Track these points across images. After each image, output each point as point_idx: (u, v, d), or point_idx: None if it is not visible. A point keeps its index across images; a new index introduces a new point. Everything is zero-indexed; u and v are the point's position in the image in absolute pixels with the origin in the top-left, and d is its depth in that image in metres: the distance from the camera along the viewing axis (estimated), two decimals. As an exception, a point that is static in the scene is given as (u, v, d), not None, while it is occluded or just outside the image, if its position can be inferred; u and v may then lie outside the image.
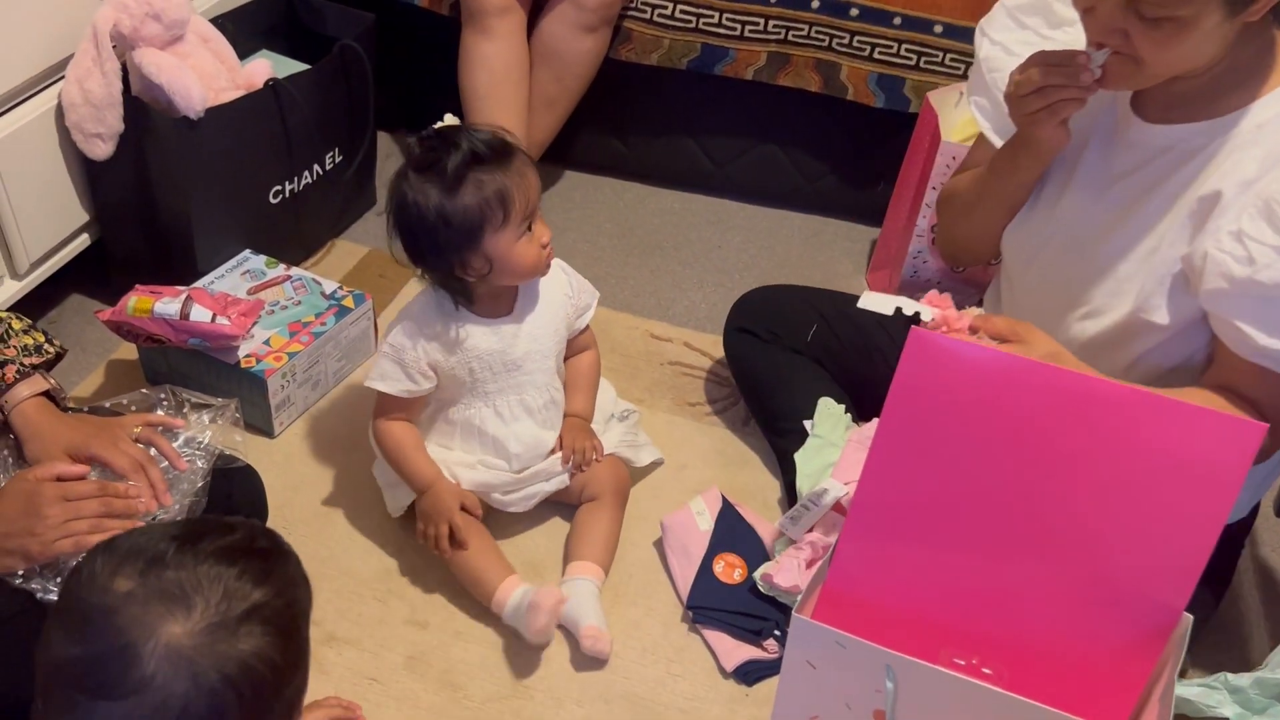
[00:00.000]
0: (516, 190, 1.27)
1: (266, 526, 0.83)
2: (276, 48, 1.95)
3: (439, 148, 1.26)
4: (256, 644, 0.71)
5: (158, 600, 0.70)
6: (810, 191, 2.14)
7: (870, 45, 1.90)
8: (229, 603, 0.71)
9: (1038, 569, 1.00)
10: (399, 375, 1.37)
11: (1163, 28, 1.03)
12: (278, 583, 0.75)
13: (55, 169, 1.63)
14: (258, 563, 0.75)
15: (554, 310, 1.43)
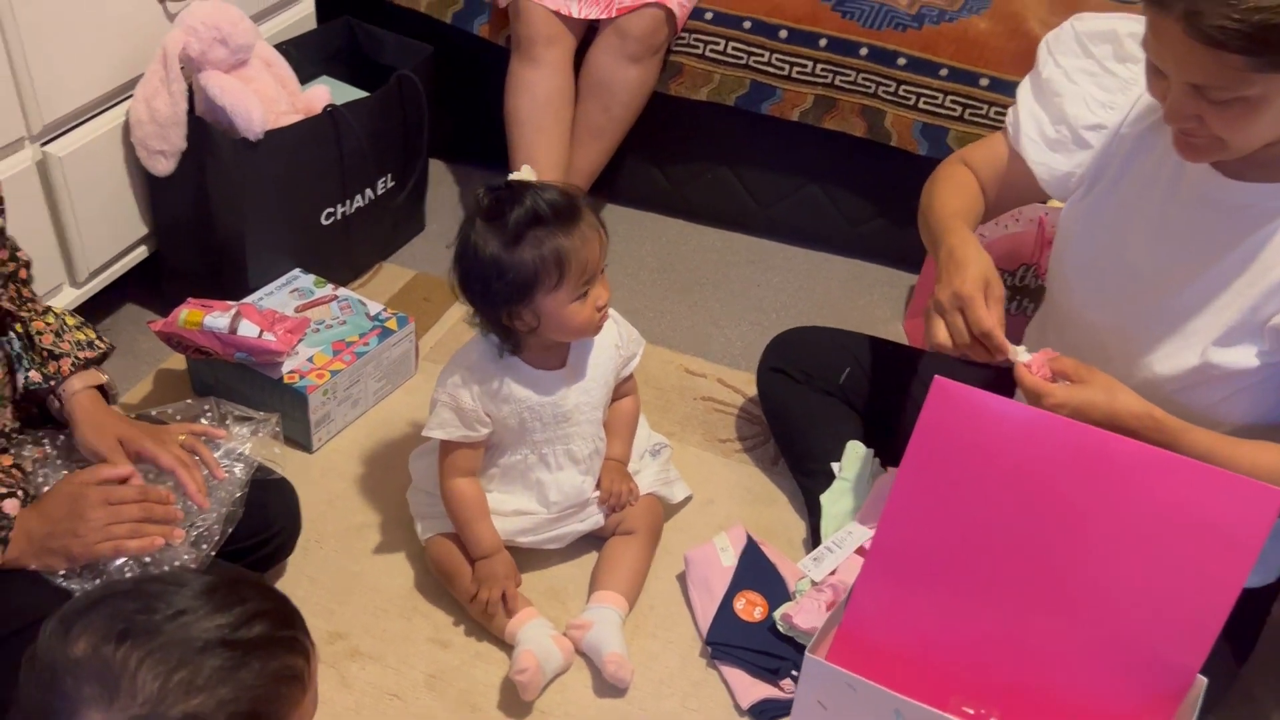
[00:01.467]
0: (574, 254, 1.27)
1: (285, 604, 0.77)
2: (338, 74, 2.02)
3: (506, 200, 1.27)
4: None
5: (94, 679, 0.67)
6: (852, 235, 2.15)
7: (916, 94, 1.92)
8: (161, 704, 0.67)
9: (1052, 623, 1.00)
10: (456, 423, 1.37)
11: (1234, 108, 1.03)
12: (240, 684, 0.70)
13: (119, 182, 1.70)
14: (227, 656, 0.70)
15: (604, 363, 1.43)
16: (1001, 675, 1.01)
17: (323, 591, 1.46)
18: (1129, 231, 1.25)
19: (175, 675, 0.68)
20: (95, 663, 0.67)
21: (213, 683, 0.69)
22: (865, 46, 1.92)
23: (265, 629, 0.73)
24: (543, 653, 1.33)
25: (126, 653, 0.67)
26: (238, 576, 0.78)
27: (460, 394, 1.36)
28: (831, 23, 1.93)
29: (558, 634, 1.37)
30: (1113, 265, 1.26)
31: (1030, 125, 1.37)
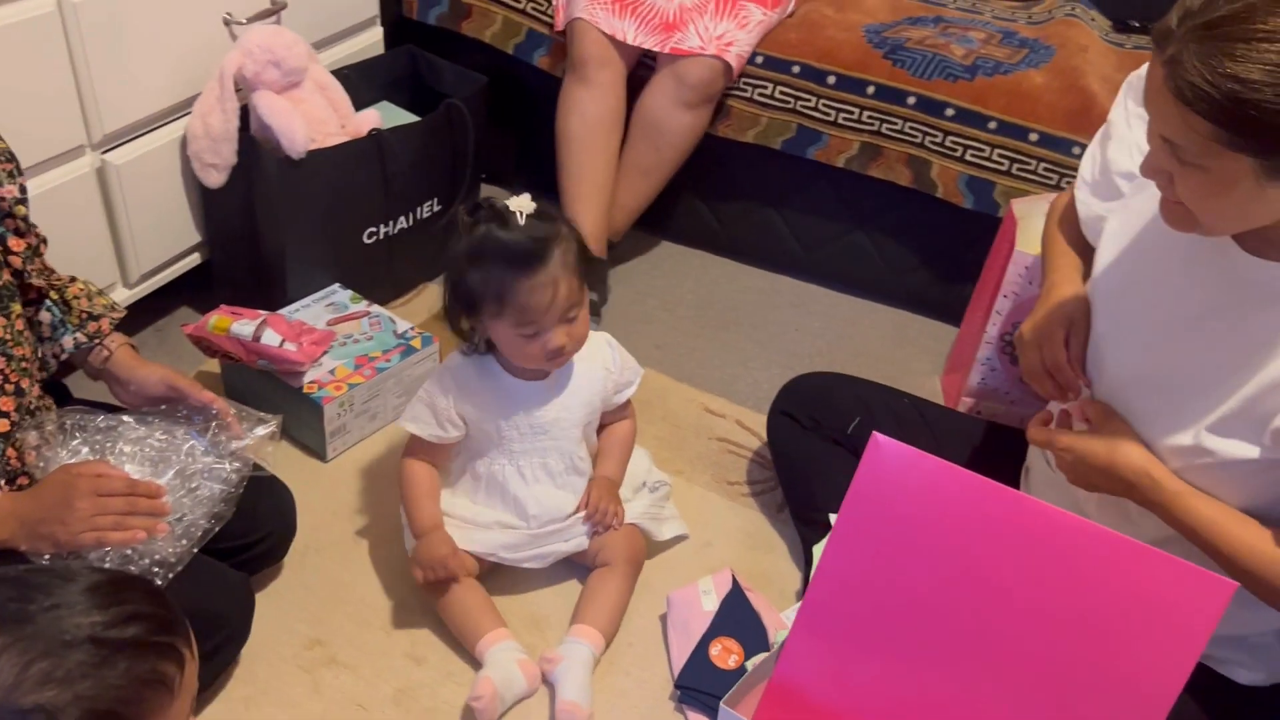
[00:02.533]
0: (518, 295, 1.29)
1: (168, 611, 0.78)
2: (399, 100, 2.09)
3: (482, 219, 1.31)
4: None
5: None
6: (897, 285, 2.12)
7: (963, 146, 1.89)
8: (14, 692, 0.68)
9: (984, 696, 0.96)
10: (429, 419, 1.43)
11: (1195, 174, 0.98)
12: (100, 682, 0.71)
13: (174, 192, 1.79)
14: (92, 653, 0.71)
15: (590, 383, 1.46)
16: (928, 747, 0.97)
17: (312, 598, 1.50)
18: (1143, 293, 1.20)
19: (35, 665, 0.69)
20: None
21: (73, 678, 0.70)
22: (913, 95, 1.89)
23: (139, 631, 0.74)
24: (503, 679, 1.34)
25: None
26: (127, 578, 0.79)
27: (437, 392, 1.41)
28: (881, 70, 1.92)
29: (525, 659, 1.38)
30: (1125, 326, 1.21)
31: (1086, 165, 1.36)
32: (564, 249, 1.32)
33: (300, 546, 1.53)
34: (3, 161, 1.21)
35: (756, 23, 1.95)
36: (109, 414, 1.33)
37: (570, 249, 1.33)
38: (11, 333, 1.23)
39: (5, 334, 1.22)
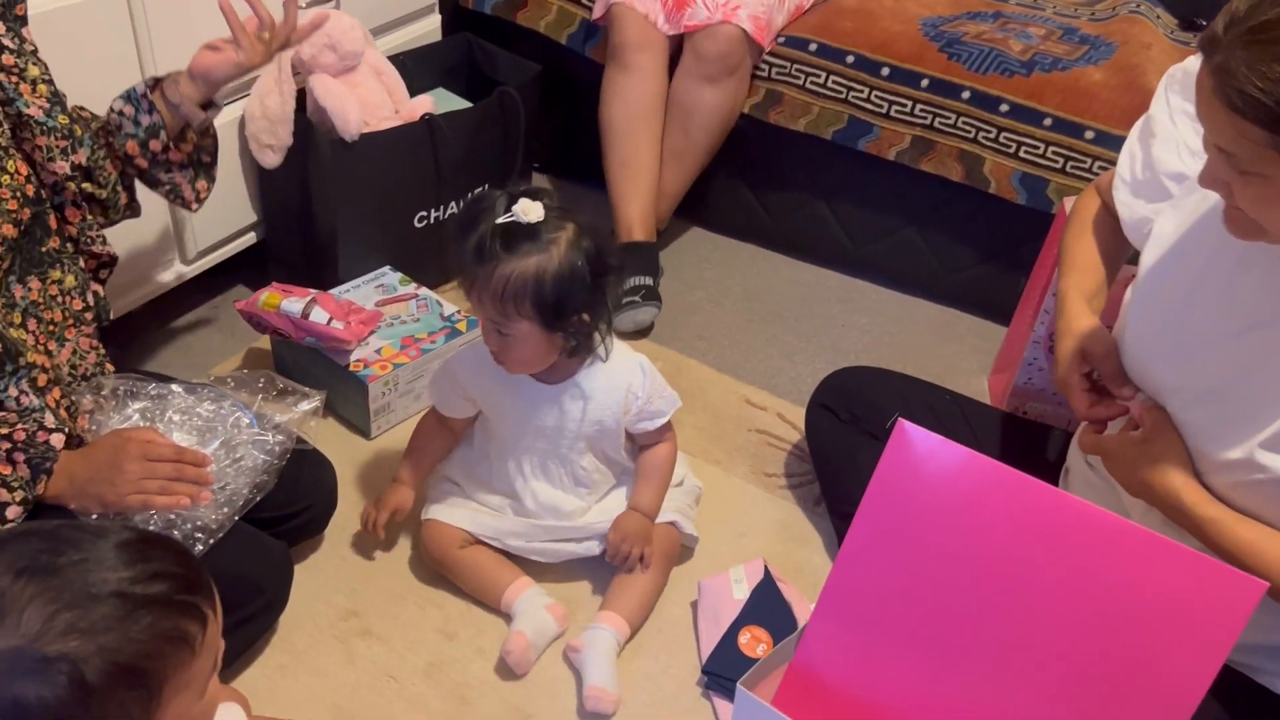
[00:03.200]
0: (469, 283, 1.29)
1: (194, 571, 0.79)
2: (454, 87, 2.12)
3: (477, 204, 1.31)
4: (40, 692, 0.70)
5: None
6: (947, 282, 2.09)
7: (1017, 143, 1.86)
8: (39, 640, 0.70)
9: (1004, 691, 0.95)
10: (442, 390, 1.46)
11: (1254, 184, 0.95)
12: (122, 635, 0.73)
13: (232, 171, 1.83)
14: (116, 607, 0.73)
15: (607, 402, 1.41)
16: (947, 738, 0.96)
17: (350, 570, 1.52)
18: (1193, 301, 1.16)
19: (60, 616, 0.71)
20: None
21: (97, 630, 0.72)
22: (968, 90, 1.87)
23: (164, 589, 0.76)
24: (534, 629, 1.37)
25: (21, 587, 0.71)
26: (156, 538, 0.81)
27: (455, 366, 1.44)
28: (936, 64, 1.90)
29: (552, 602, 1.42)
30: (1171, 334, 1.18)
31: (1125, 164, 1.31)
32: (513, 279, 1.25)
33: (340, 520, 1.56)
34: (58, 138, 1.25)
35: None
36: (159, 382, 1.37)
37: (511, 280, 1.25)
38: (44, 297, 1.27)
39: (38, 297, 1.26)
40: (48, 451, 1.18)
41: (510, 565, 1.45)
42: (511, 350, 1.33)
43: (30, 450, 1.16)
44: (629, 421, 1.43)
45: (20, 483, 1.15)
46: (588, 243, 1.29)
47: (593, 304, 1.32)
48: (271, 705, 1.32)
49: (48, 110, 1.24)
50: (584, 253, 1.28)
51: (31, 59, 1.23)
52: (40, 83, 1.24)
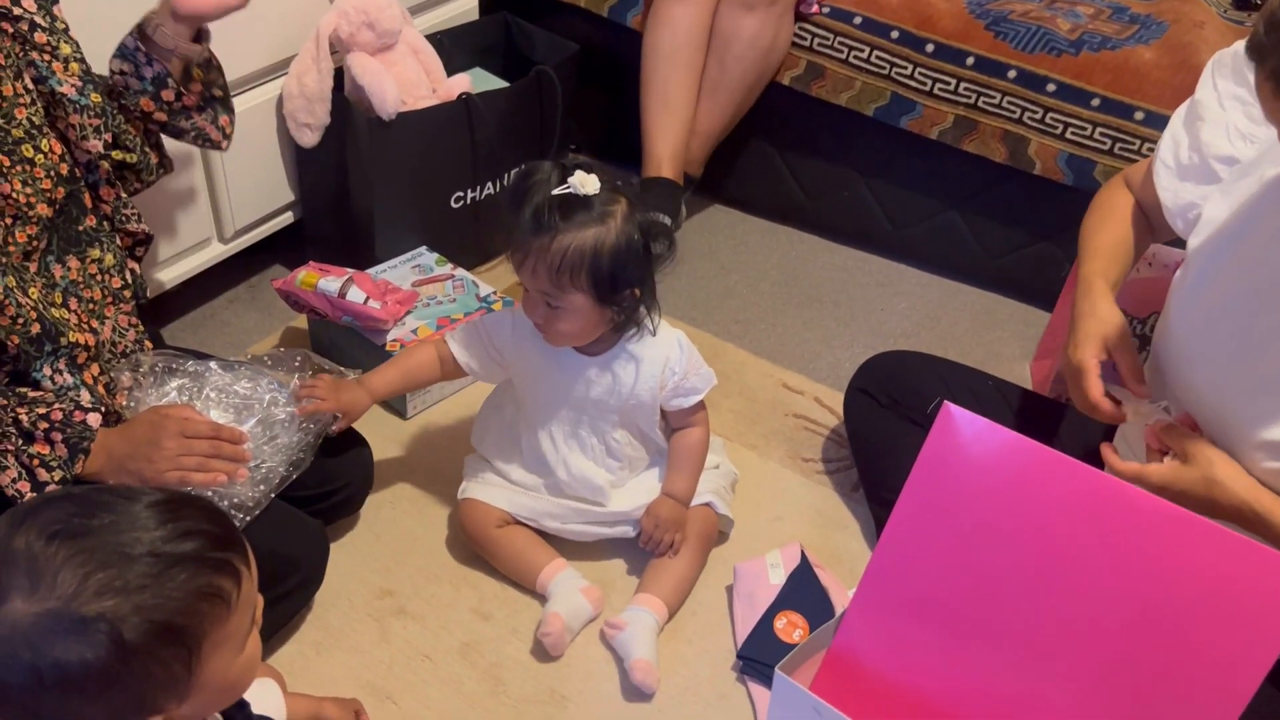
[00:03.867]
0: (522, 254, 1.28)
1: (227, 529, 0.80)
2: (491, 67, 2.11)
3: (530, 175, 1.29)
4: (80, 652, 0.70)
5: (24, 571, 0.71)
6: (990, 267, 2.06)
7: (1063, 123, 1.82)
8: (75, 600, 0.71)
9: (1049, 680, 0.93)
10: (472, 345, 1.43)
11: None
12: (158, 594, 0.73)
13: (269, 150, 1.84)
14: (150, 566, 0.73)
15: (645, 377, 1.40)
16: (989, 727, 0.94)
17: (385, 549, 1.52)
18: (1242, 287, 1.13)
19: (95, 576, 0.71)
20: (28, 556, 0.72)
21: (131, 589, 0.72)
22: (1014, 69, 1.83)
23: (197, 547, 0.76)
24: (570, 610, 1.37)
25: (56, 550, 0.72)
26: (187, 497, 0.80)
27: (492, 321, 1.42)
28: (982, 42, 1.86)
29: (588, 585, 1.41)
30: (1224, 322, 1.15)
31: (1168, 148, 1.28)
32: (570, 250, 1.25)
33: (376, 500, 1.56)
34: (90, 117, 1.25)
35: None
36: (197, 360, 1.38)
37: (577, 255, 1.25)
38: (84, 276, 1.27)
39: (78, 276, 1.26)
40: (85, 431, 1.19)
41: (546, 547, 1.45)
42: (559, 322, 1.32)
43: (67, 429, 1.17)
44: (664, 397, 1.42)
45: (59, 462, 1.16)
46: (640, 217, 1.29)
47: (644, 279, 1.32)
48: (306, 682, 1.33)
49: (80, 89, 1.23)
50: (638, 227, 1.28)
51: (63, 37, 1.23)
52: (72, 61, 1.23)
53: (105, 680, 0.72)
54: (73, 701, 0.72)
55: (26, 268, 1.18)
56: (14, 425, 1.14)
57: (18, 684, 0.71)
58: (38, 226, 1.18)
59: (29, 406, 1.15)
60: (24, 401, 1.15)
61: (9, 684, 0.71)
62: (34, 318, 1.17)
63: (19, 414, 1.14)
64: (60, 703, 0.72)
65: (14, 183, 1.14)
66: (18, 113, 1.15)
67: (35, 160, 1.17)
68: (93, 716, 0.74)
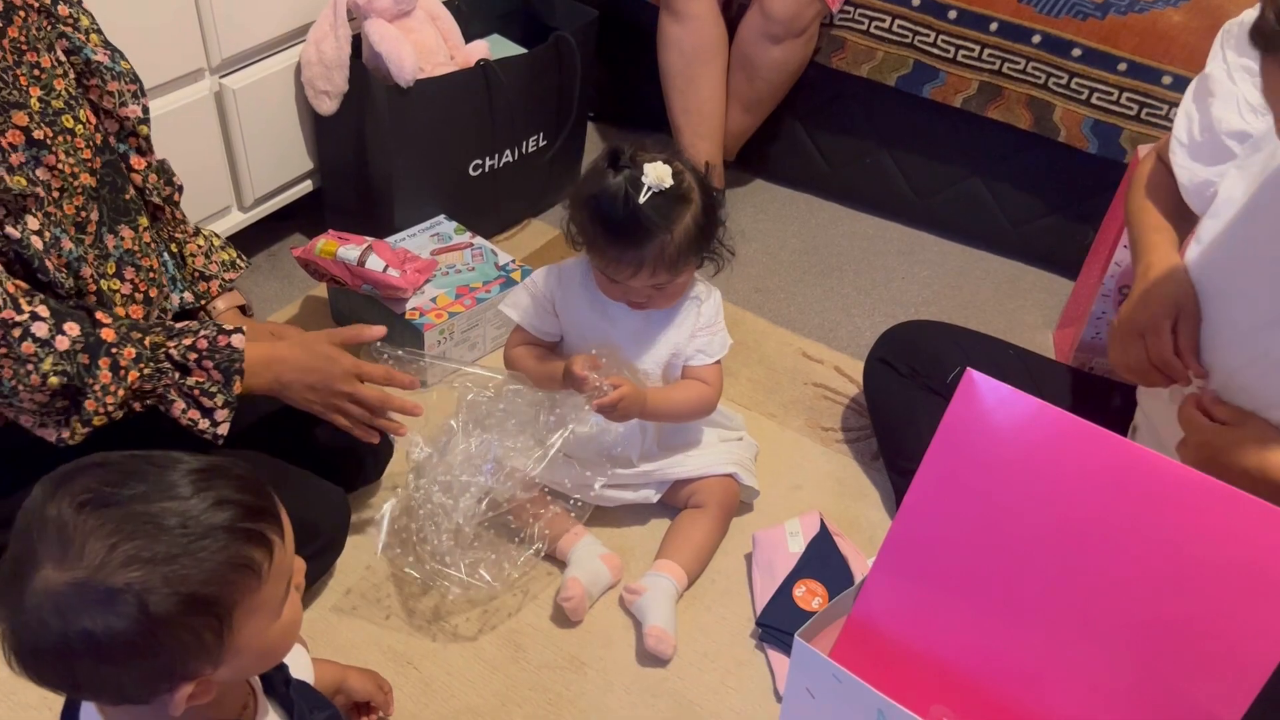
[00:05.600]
0: (605, 253, 1.32)
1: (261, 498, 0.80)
2: (510, 34, 2.09)
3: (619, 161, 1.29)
4: (108, 621, 0.71)
5: (55, 539, 0.72)
6: (1013, 235, 2.04)
7: (1089, 89, 1.79)
8: (101, 571, 0.71)
9: (1071, 649, 0.92)
10: (527, 305, 1.45)
11: None
12: (187, 565, 0.73)
13: (288, 118, 1.83)
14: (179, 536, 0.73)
15: (675, 328, 1.44)
16: (1009, 692, 0.94)
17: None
18: (1261, 264, 1.12)
19: (123, 546, 0.71)
20: (59, 524, 0.72)
21: (160, 559, 0.72)
22: (1038, 34, 1.81)
23: (229, 517, 0.75)
24: (589, 576, 1.38)
25: (85, 519, 0.72)
26: (222, 466, 0.80)
27: (539, 279, 1.45)
28: (1005, 6, 1.83)
29: (607, 552, 1.42)
30: (1243, 302, 1.14)
31: (1182, 125, 1.26)
32: (670, 240, 1.29)
33: (395, 467, 1.56)
34: (127, 83, 1.25)
35: None
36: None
37: (679, 240, 1.29)
38: (139, 244, 1.28)
39: (133, 245, 1.27)
40: (232, 354, 1.19)
41: (566, 514, 1.45)
42: (664, 299, 1.38)
43: (216, 355, 1.18)
44: (688, 349, 1.44)
45: (217, 387, 1.19)
46: (693, 169, 1.34)
47: (719, 219, 1.37)
48: (329, 648, 1.34)
49: (111, 56, 1.23)
50: (700, 181, 1.33)
51: (80, 10, 1.23)
52: (92, 32, 1.23)
53: (133, 649, 0.72)
54: (103, 668, 0.73)
55: (81, 240, 1.18)
56: (167, 359, 1.16)
57: (50, 649, 0.72)
58: (84, 197, 1.18)
59: (177, 339, 1.17)
60: (171, 334, 1.18)
61: (43, 649, 0.72)
62: (92, 290, 1.18)
63: (168, 348, 1.16)
64: (91, 669, 0.73)
65: (58, 153, 1.14)
66: (56, 84, 1.15)
67: (76, 130, 1.17)
68: (124, 682, 0.74)
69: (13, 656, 0.74)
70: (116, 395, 1.12)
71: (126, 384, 1.12)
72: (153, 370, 1.15)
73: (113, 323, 1.13)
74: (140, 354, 1.13)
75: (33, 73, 1.12)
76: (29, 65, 1.12)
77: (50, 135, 1.13)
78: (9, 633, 0.73)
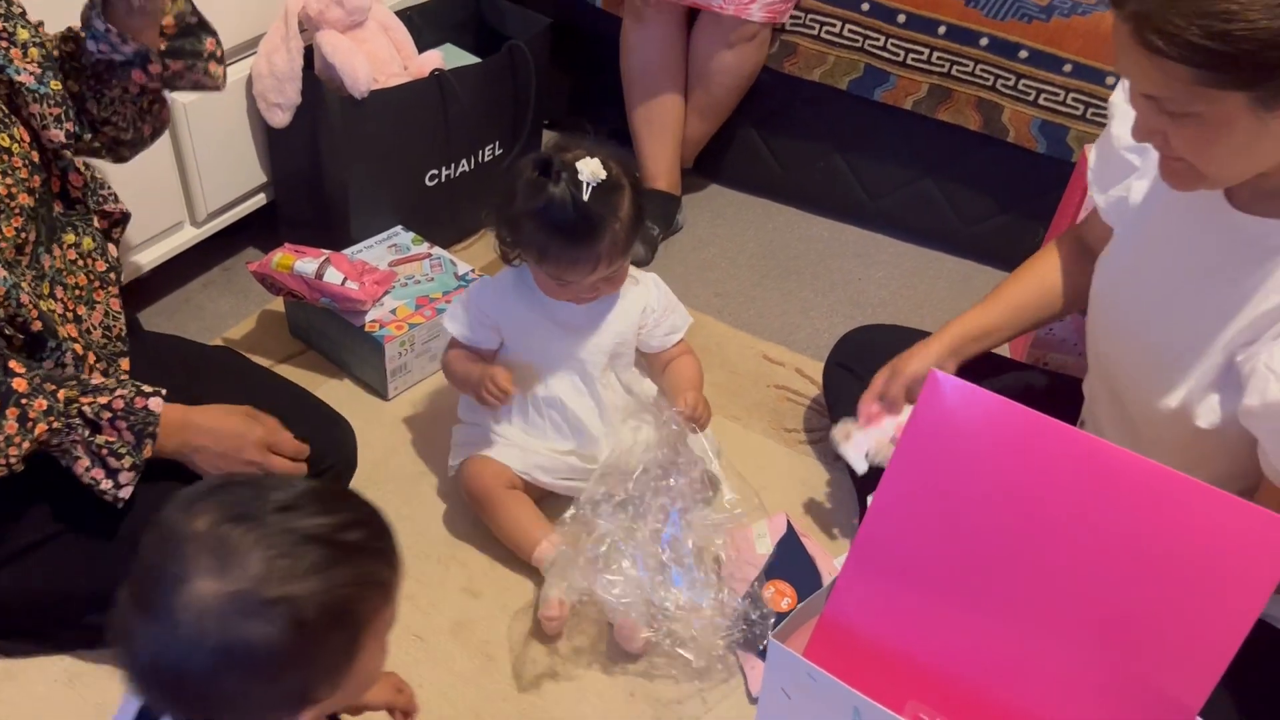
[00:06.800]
0: (557, 259, 1.34)
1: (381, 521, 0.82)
2: (463, 43, 2.09)
3: (550, 170, 1.31)
4: (266, 632, 0.73)
5: (210, 553, 0.73)
6: (965, 234, 2.07)
7: (1036, 90, 1.83)
8: (263, 583, 0.73)
9: (1041, 640, 0.94)
10: (463, 319, 1.47)
11: (1189, 125, 0.95)
12: (332, 579, 0.75)
13: (240, 131, 1.81)
14: (324, 553, 0.75)
15: (624, 315, 1.48)
16: (982, 687, 0.95)
17: (371, 531, 1.52)
18: (1150, 262, 1.18)
19: (279, 561, 0.73)
20: (212, 539, 0.74)
21: (308, 574, 0.74)
22: (986, 37, 1.84)
23: (361, 537, 0.78)
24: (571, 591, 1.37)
25: (241, 534, 0.74)
26: (342, 491, 0.84)
27: (474, 293, 1.47)
28: (953, 10, 1.86)
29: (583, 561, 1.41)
30: (1129, 296, 1.20)
31: (1095, 160, 1.33)
32: (619, 227, 1.32)
33: (360, 482, 1.55)
34: (51, 105, 1.21)
35: None
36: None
37: (625, 225, 1.33)
38: (65, 262, 1.25)
39: (60, 264, 1.24)
40: (148, 416, 1.17)
41: (544, 521, 1.44)
42: (613, 283, 1.41)
43: (131, 416, 1.16)
44: (645, 335, 1.49)
45: (127, 448, 1.16)
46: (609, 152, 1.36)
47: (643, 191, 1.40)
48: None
49: (39, 76, 1.19)
50: (620, 161, 1.36)
51: (20, 21, 1.19)
52: (31, 46, 1.19)
53: (281, 662, 0.74)
54: (249, 683, 0.74)
55: (19, 262, 1.16)
56: (79, 416, 1.14)
57: (199, 665, 0.73)
58: (23, 218, 1.16)
59: (92, 395, 1.15)
60: (86, 390, 1.15)
61: (188, 668, 0.73)
62: (34, 315, 1.16)
63: (82, 404, 1.14)
64: (238, 683, 0.74)
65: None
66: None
67: (12, 149, 1.15)
68: (259, 701, 0.76)
69: (141, 671, 0.74)
70: (20, 448, 1.09)
71: (33, 436, 1.09)
72: (62, 425, 1.12)
73: (26, 372, 1.10)
74: (51, 407, 1.11)
75: None
76: None
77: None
78: (146, 645, 0.74)
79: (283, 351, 1.80)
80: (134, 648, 0.74)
